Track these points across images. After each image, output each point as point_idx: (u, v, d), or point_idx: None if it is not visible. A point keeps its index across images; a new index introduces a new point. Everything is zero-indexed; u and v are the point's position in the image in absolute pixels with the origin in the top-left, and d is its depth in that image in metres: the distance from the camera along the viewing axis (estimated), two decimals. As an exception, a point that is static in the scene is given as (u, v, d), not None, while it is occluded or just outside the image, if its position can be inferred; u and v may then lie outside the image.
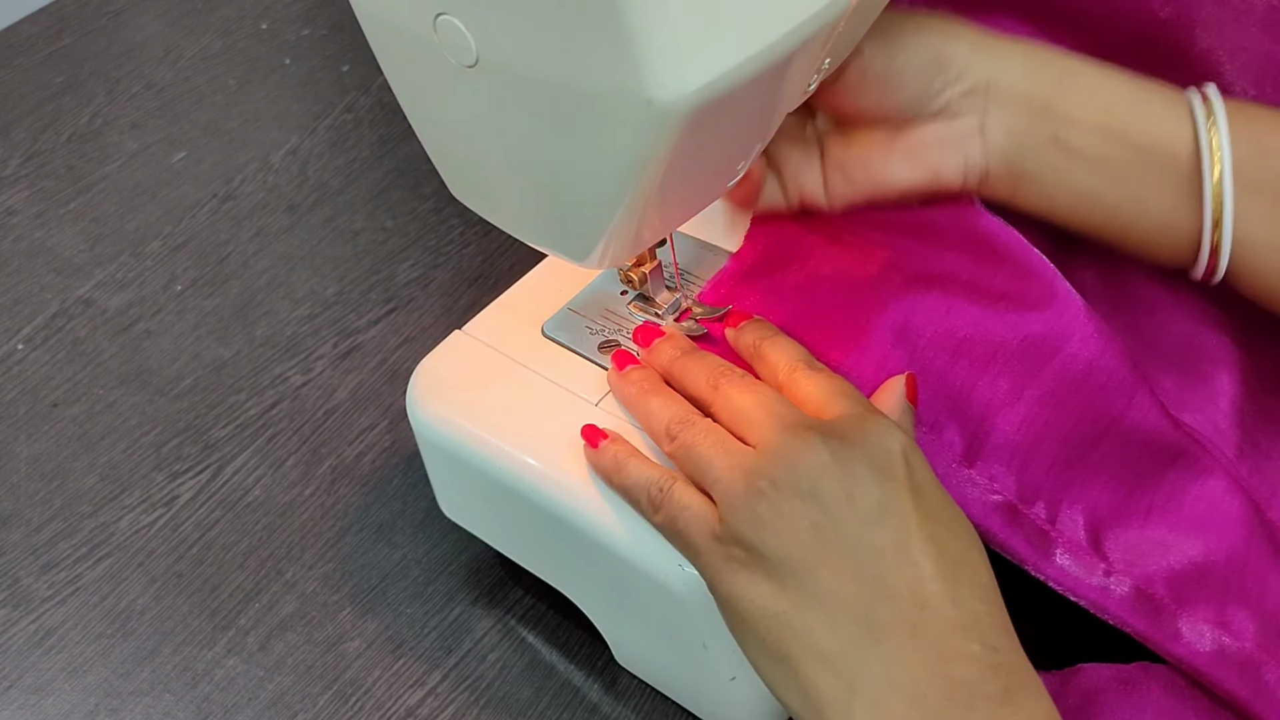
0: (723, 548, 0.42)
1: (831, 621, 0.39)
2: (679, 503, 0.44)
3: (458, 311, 0.71)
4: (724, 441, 0.44)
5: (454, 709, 0.54)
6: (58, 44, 0.94)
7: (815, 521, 0.40)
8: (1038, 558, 0.47)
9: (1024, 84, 0.49)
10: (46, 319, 0.73)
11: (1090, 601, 0.46)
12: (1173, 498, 0.49)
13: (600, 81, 0.36)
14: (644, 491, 0.45)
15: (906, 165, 0.51)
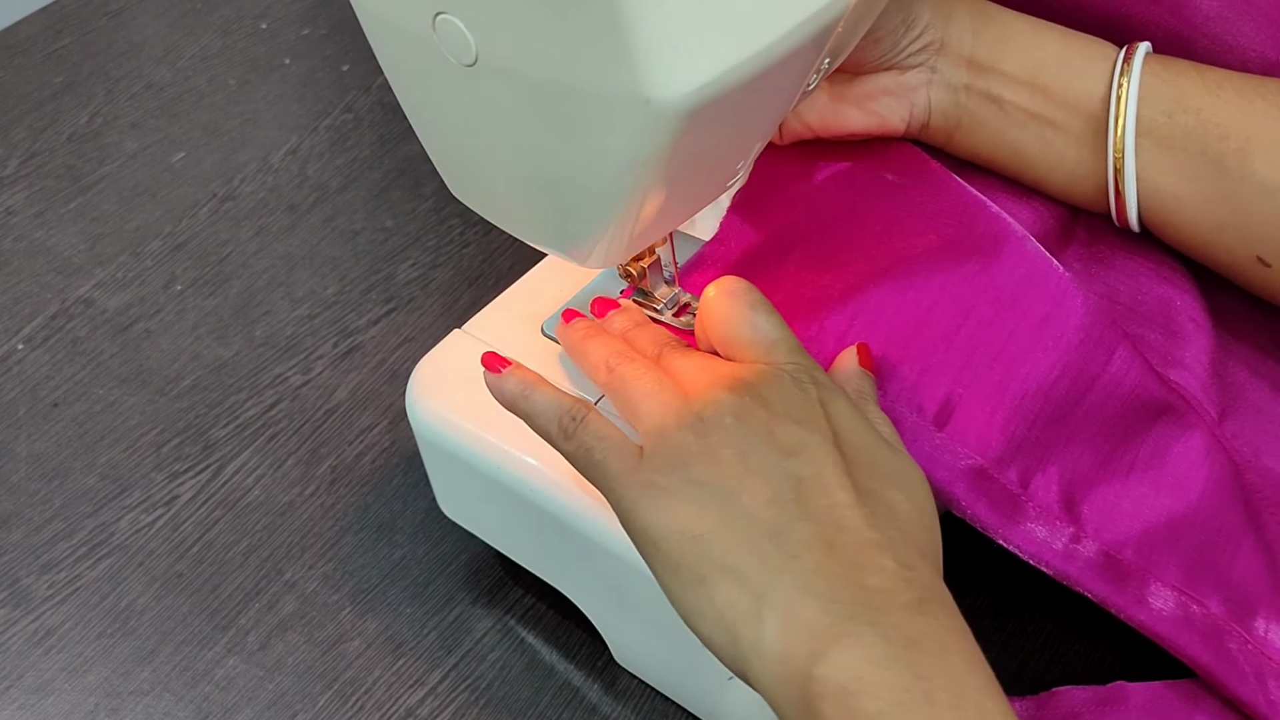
0: (641, 475, 0.42)
1: (749, 540, 0.40)
2: (596, 432, 0.44)
3: (458, 311, 0.71)
4: (661, 381, 0.44)
5: (454, 709, 0.54)
6: (57, 44, 0.94)
7: (740, 451, 0.41)
8: (1004, 524, 0.47)
9: (970, 41, 0.53)
10: (46, 319, 0.73)
11: (1054, 568, 0.46)
12: (1157, 454, 0.49)
13: (599, 81, 0.36)
14: (555, 418, 0.45)
15: (858, 111, 0.54)
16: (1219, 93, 0.50)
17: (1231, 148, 0.49)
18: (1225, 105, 0.49)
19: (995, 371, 0.48)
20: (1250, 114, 0.49)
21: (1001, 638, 0.54)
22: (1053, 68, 0.52)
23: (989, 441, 0.47)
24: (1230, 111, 0.49)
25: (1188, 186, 0.51)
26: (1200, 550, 0.47)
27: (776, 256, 0.54)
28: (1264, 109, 0.49)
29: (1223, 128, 0.49)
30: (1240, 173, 0.49)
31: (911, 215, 0.53)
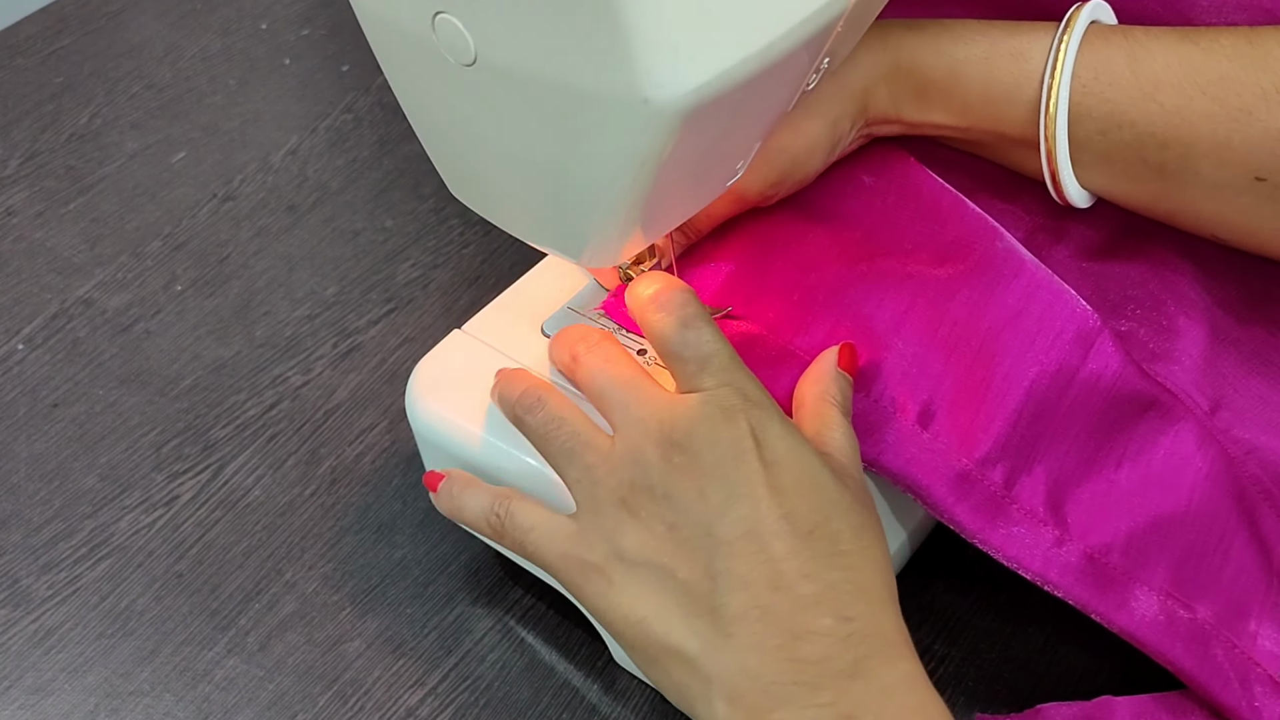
0: (580, 556, 0.42)
1: (688, 620, 0.40)
2: (521, 526, 0.44)
3: (458, 311, 0.71)
4: (576, 432, 0.44)
5: (454, 709, 0.54)
6: (57, 44, 0.94)
7: (671, 523, 0.40)
8: (985, 528, 0.46)
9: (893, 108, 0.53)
10: (46, 319, 0.73)
11: (1034, 573, 0.46)
12: (1143, 449, 0.48)
13: (598, 81, 0.36)
14: (484, 521, 0.45)
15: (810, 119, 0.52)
16: (1155, 97, 0.48)
17: (1172, 155, 0.48)
18: (1161, 111, 0.48)
19: (977, 371, 0.48)
20: (1189, 116, 0.48)
21: (1002, 639, 0.54)
22: (977, 109, 0.51)
23: (974, 442, 0.47)
24: (1166, 118, 0.48)
25: (1133, 187, 0.51)
26: (1191, 550, 0.47)
27: (760, 258, 0.54)
28: (1203, 108, 0.47)
29: (1159, 137, 0.48)
30: (1184, 176, 0.49)
31: (890, 218, 0.53)
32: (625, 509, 0.41)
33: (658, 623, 0.40)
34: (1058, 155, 0.50)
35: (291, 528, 0.62)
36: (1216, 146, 0.47)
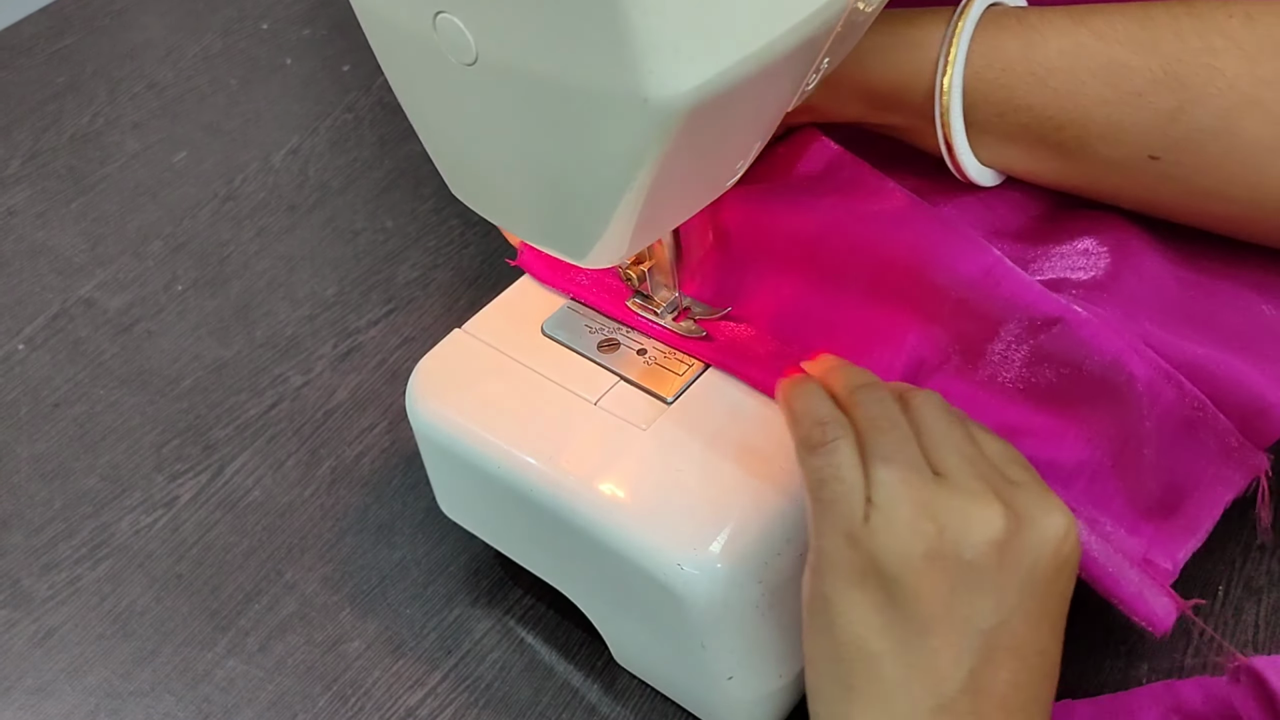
0: (854, 550, 0.40)
1: (914, 685, 0.39)
2: (837, 469, 0.41)
3: (458, 312, 0.71)
4: (909, 444, 0.42)
5: (454, 709, 0.54)
6: (59, 44, 0.94)
7: (955, 588, 0.39)
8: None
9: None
10: (47, 319, 0.73)
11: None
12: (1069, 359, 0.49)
13: (598, 80, 0.36)
14: (807, 424, 0.43)
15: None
16: (1048, 82, 0.49)
17: (1069, 136, 0.50)
18: (1055, 95, 0.49)
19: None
20: (1081, 100, 0.49)
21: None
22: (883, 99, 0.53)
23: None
24: (1061, 102, 0.49)
25: (1037, 165, 0.52)
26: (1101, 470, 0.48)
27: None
28: (1095, 91, 0.49)
29: (1055, 120, 0.50)
30: (1082, 155, 0.50)
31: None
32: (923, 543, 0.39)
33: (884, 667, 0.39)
34: (954, 139, 0.51)
35: (291, 528, 0.62)
36: (1110, 128, 0.49)
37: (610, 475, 0.48)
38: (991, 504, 0.40)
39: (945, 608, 0.39)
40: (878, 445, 0.41)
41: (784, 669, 0.49)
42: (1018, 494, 0.41)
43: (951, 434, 0.42)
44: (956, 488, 0.40)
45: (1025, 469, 0.42)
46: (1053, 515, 0.40)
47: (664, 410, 0.50)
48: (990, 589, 0.39)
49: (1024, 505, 0.40)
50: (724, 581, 0.45)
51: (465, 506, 0.56)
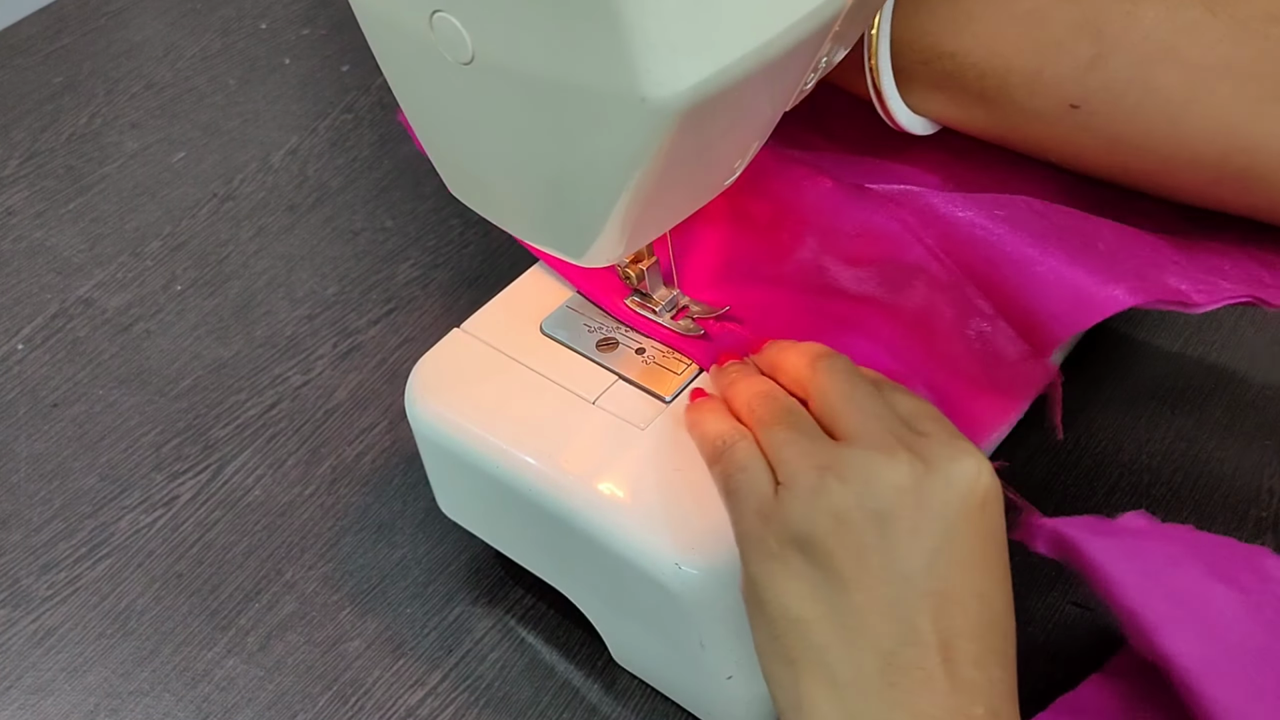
0: (767, 526, 0.40)
1: (851, 646, 0.38)
2: (738, 462, 0.42)
3: (458, 311, 0.71)
4: (805, 424, 0.42)
5: (454, 709, 0.54)
6: (57, 44, 0.94)
7: (871, 543, 0.39)
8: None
9: None
10: (46, 319, 0.73)
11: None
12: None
13: (595, 79, 0.36)
14: (710, 441, 0.44)
15: None
16: (970, 29, 0.50)
17: (991, 84, 0.50)
18: (977, 42, 0.50)
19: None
20: (1002, 48, 0.49)
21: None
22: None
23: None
24: (983, 50, 0.50)
25: (963, 113, 0.52)
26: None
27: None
28: (1015, 38, 0.49)
29: (978, 67, 0.50)
30: (1003, 102, 0.51)
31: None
32: (829, 499, 0.39)
33: (819, 632, 0.39)
34: (883, 86, 0.52)
35: (291, 528, 0.62)
36: (1029, 77, 0.49)
37: (609, 474, 0.48)
38: (895, 453, 0.40)
39: (862, 561, 0.39)
40: (772, 433, 0.43)
41: (783, 668, 0.49)
42: (925, 443, 0.41)
43: (855, 395, 0.43)
44: (859, 445, 0.41)
45: (936, 420, 0.42)
46: (962, 459, 0.40)
47: (663, 409, 0.50)
48: (905, 535, 0.39)
49: (931, 452, 0.40)
50: (722, 581, 0.45)
51: (464, 506, 0.56)
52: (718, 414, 0.46)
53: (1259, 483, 0.59)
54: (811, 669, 0.39)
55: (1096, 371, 0.64)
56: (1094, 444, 0.61)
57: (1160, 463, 0.60)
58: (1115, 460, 0.60)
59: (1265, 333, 0.65)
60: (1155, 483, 0.59)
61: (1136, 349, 0.64)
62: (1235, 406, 0.62)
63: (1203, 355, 0.64)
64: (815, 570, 0.39)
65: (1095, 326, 0.64)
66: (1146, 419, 0.61)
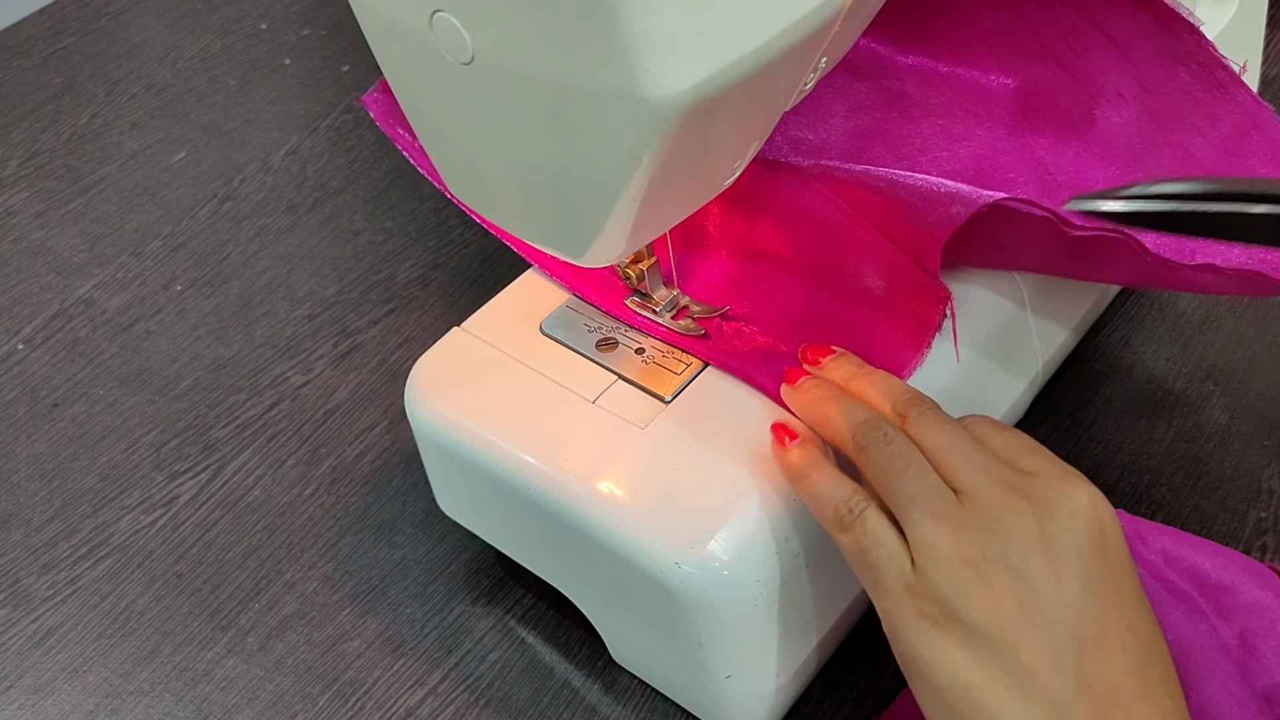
0: (916, 601, 0.40)
1: (1025, 705, 0.38)
2: (873, 535, 0.42)
3: (458, 311, 0.71)
4: (926, 474, 0.42)
5: (454, 709, 0.54)
6: (58, 44, 0.94)
7: (1021, 599, 0.39)
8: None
9: None
10: (46, 319, 0.73)
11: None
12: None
13: (595, 79, 0.36)
14: (832, 507, 0.43)
15: None
16: None
17: None
18: None
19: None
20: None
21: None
22: None
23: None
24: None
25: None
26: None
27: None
28: None
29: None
30: None
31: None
32: (972, 569, 0.40)
33: (991, 695, 0.39)
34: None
35: (291, 528, 0.62)
36: None
37: (608, 474, 0.48)
38: (1016, 505, 0.40)
39: (1020, 620, 0.39)
40: (897, 492, 0.42)
41: (782, 667, 0.49)
42: (1035, 485, 0.41)
43: (957, 445, 0.42)
44: (979, 501, 0.41)
45: (1035, 453, 0.43)
46: (1075, 494, 0.41)
47: (662, 409, 0.50)
48: (1051, 587, 0.39)
49: (1045, 493, 0.41)
50: (721, 580, 0.45)
51: (464, 505, 0.56)
52: (830, 474, 0.44)
53: (1259, 483, 0.59)
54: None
55: (1097, 372, 0.64)
56: (1094, 444, 0.61)
57: (1160, 463, 0.60)
58: (1115, 461, 0.60)
59: (1265, 333, 0.65)
60: (1155, 483, 0.59)
61: (1136, 350, 0.64)
62: (1235, 407, 0.62)
63: (1202, 356, 0.64)
64: (974, 637, 0.39)
65: (1094, 328, 0.64)
66: (1146, 420, 0.62)
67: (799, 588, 0.48)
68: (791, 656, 0.49)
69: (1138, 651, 0.39)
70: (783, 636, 0.48)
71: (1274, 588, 0.48)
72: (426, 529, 0.61)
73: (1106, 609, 0.39)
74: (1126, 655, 0.39)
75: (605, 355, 0.52)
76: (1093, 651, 0.39)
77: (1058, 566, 0.39)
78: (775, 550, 0.46)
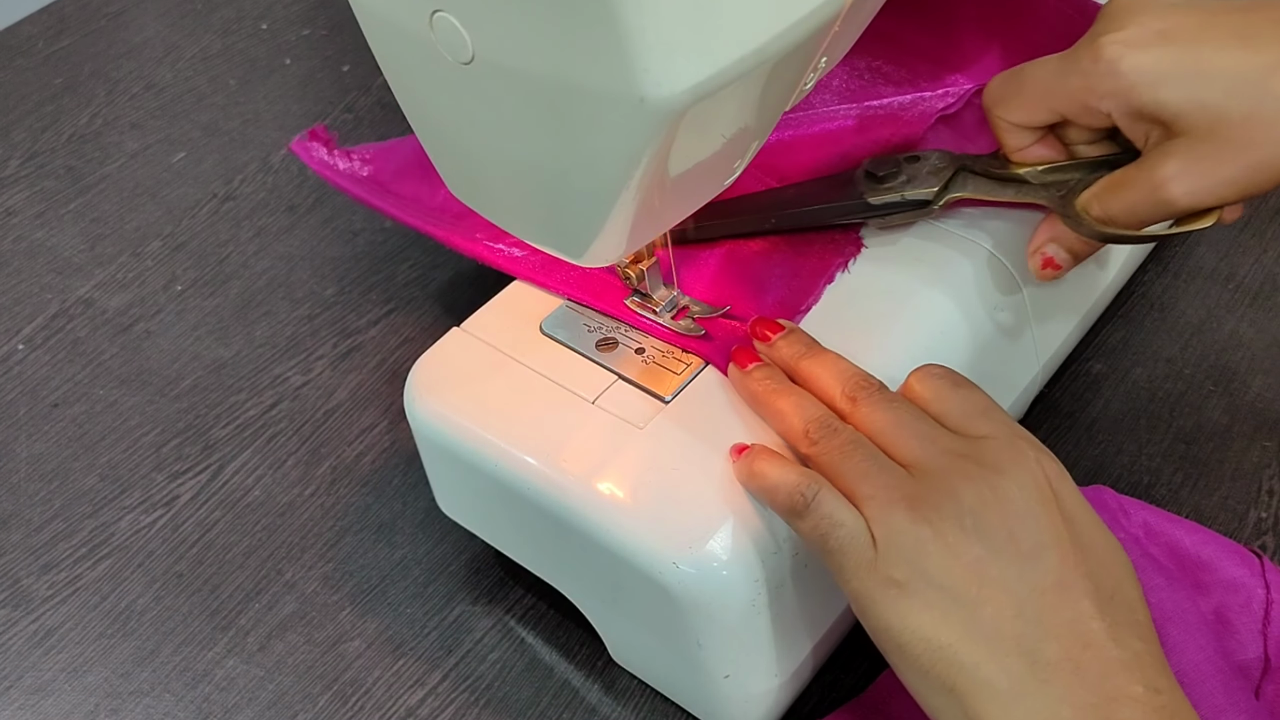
0: (880, 572, 0.41)
1: (998, 657, 0.39)
2: (831, 517, 0.42)
3: (458, 311, 0.71)
4: (875, 456, 0.43)
5: (454, 709, 0.54)
6: (58, 44, 0.94)
7: (978, 557, 0.40)
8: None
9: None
10: (46, 319, 0.73)
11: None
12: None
13: (594, 79, 0.36)
14: (785, 493, 0.44)
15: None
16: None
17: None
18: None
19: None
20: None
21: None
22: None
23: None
24: None
25: None
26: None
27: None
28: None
29: None
30: None
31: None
32: (931, 528, 0.40)
33: (965, 652, 0.39)
34: None
35: (291, 528, 0.62)
36: None
37: (607, 474, 0.48)
38: (966, 469, 0.41)
39: (979, 575, 0.40)
40: (848, 474, 0.43)
41: (781, 667, 0.49)
42: (984, 449, 0.42)
43: (904, 421, 0.44)
44: (930, 471, 0.42)
45: (986, 416, 0.44)
46: (1022, 453, 0.42)
47: (661, 409, 0.50)
48: (1005, 543, 0.40)
49: (994, 458, 0.42)
50: (720, 580, 0.45)
51: (464, 505, 0.56)
52: (779, 463, 0.45)
53: (1259, 483, 0.59)
54: (970, 688, 0.39)
55: (1096, 372, 0.64)
56: (1094, 445, 0.61)
57: (1160, 463, 0.60)
58: (1115, 461, 0.60)
59: (1265, 333, 0.65)
60: (1155, 484, 0.59)
61: (1136, 350, 0.64)
62: (1235, 407, 0.62)
63: (1202, 356, 0.64)
64: (938, 597, 0.40)
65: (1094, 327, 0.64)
66: (1146, 420, 0.62)
67: (797, 588, 0.48)
68: (790, 656, 0.49)
69: (1099, 596, 0.39)
70: (781, 636, 0.48)
71: (1250, 566, 0.49)
72: (426, 529, 0.61)
73: (1064, 558, 0.40)
74: (1090, 601, 0.39)
75: (605, 355, 0.52)
76: (1054, 598, 0.39)
77: (1009, 520, 0.40)
78: (774, 550, 0.46)
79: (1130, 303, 0.67)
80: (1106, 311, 0.66)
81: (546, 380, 0.51)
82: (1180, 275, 0.68)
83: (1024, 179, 0.53)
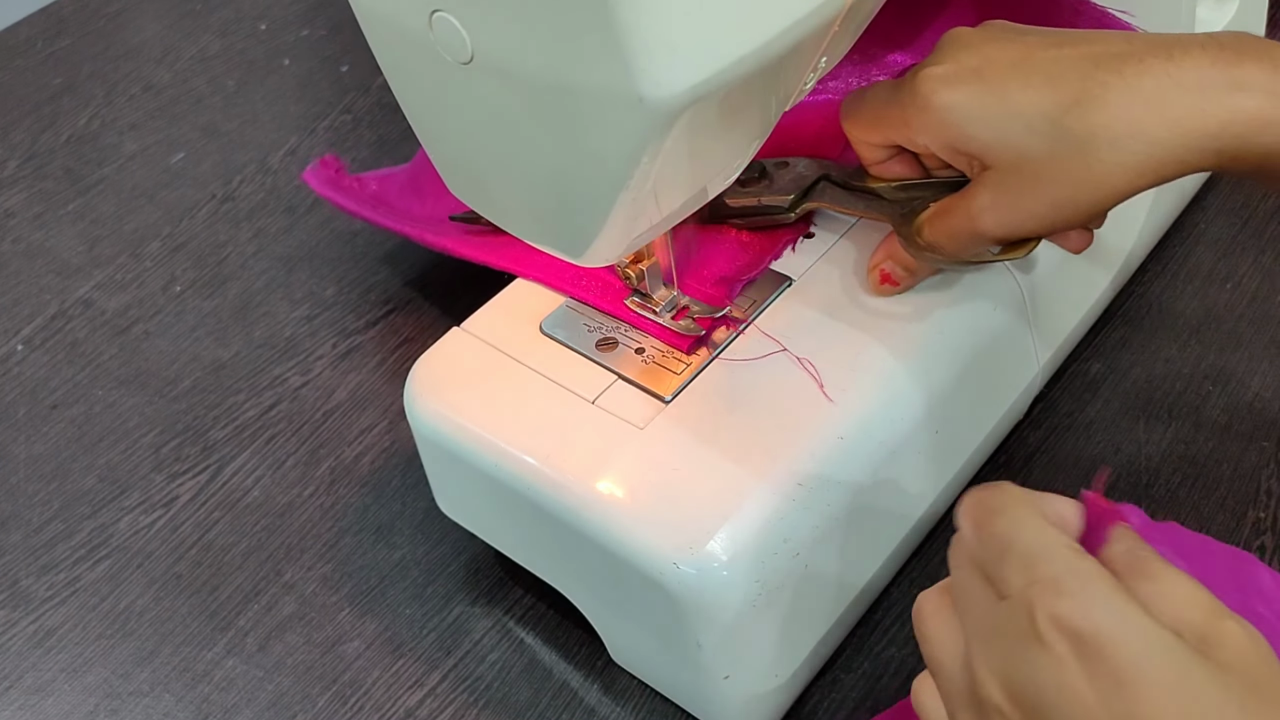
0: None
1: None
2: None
3: (457, 311, 0.71)
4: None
5: (453, 709, 0.54)
6: (56, 45, 0.94)
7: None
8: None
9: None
10: (46, 320, 0.73)
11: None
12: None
13: (593, 78, 0.36)
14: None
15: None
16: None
17: None
18: None
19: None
20: None
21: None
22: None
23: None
24: None
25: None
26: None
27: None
28: None
29: None
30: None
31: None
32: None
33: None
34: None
35: (290, 528, 0.62)
36: None
37: (607, 474, 0.48)
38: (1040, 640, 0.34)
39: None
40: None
41: (780, 668, 0.49)
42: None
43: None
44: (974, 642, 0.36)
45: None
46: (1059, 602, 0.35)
47: (661, 409, 0.50)
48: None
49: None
50: (720, 580, 0.45)
51: (463, 505, 0.56)
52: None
53: (1257, 484, 0.59)
54: None
55: (1095, 372, 0.64)
56: (1092, 445, 0.61)
57: (1159, 463, 0.60)
58: (1114, 461, 0.60)
59: (1265, 333, 0.65)
60: (1154, 483, 0.59)
61: (1135, 349, 0.64)
62: (1234, 407, 0.62)
63: (1202, 355, 0.64)
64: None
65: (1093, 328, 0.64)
66: (1145, 420, 0.62)
67: (797, 588, 0.48)
68: (790, 657, 0.49)
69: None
70: (781, 637, 0.48)
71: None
72: (426, 529, 0.61)
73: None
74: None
75: (605, 355, 0.52)
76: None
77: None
78: (774, 551, 0.46)
79: (1130, 303, 0.67)
80: (1106, 311, 0.66)
81: (546, 380, 0.51)
82: (1180, 275, 0.68)
83: (878, 193, 0.53)
